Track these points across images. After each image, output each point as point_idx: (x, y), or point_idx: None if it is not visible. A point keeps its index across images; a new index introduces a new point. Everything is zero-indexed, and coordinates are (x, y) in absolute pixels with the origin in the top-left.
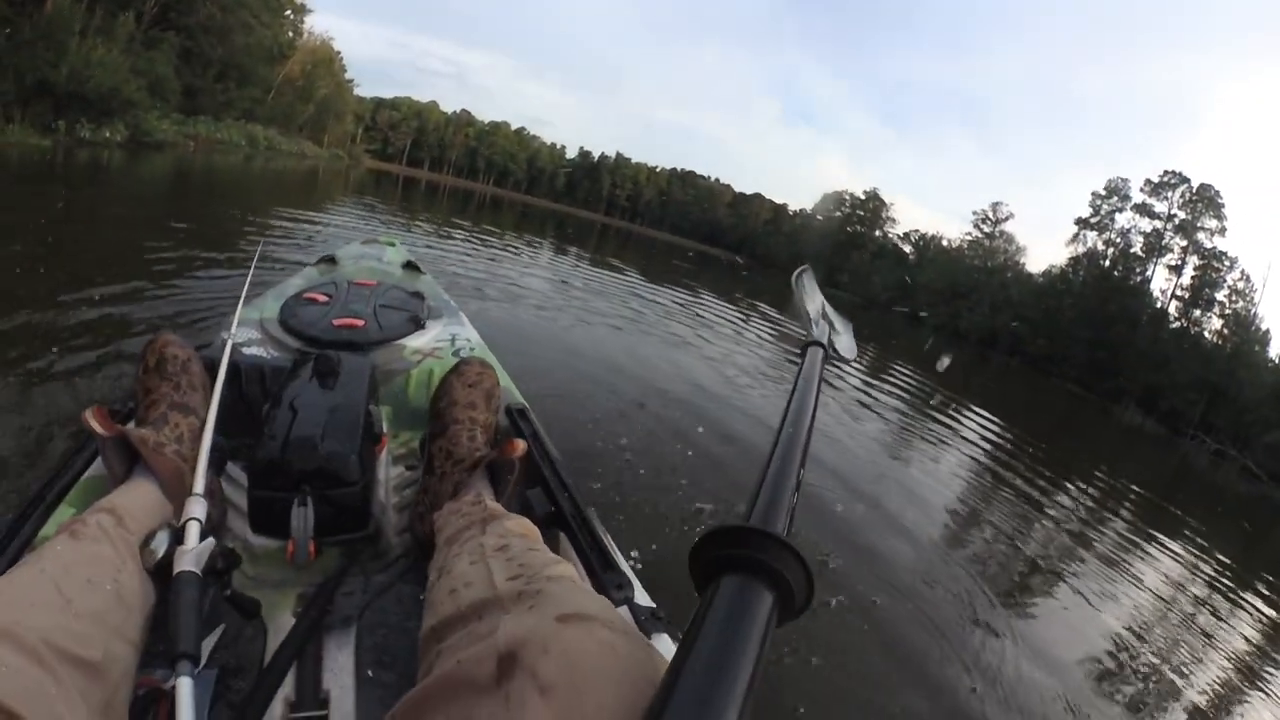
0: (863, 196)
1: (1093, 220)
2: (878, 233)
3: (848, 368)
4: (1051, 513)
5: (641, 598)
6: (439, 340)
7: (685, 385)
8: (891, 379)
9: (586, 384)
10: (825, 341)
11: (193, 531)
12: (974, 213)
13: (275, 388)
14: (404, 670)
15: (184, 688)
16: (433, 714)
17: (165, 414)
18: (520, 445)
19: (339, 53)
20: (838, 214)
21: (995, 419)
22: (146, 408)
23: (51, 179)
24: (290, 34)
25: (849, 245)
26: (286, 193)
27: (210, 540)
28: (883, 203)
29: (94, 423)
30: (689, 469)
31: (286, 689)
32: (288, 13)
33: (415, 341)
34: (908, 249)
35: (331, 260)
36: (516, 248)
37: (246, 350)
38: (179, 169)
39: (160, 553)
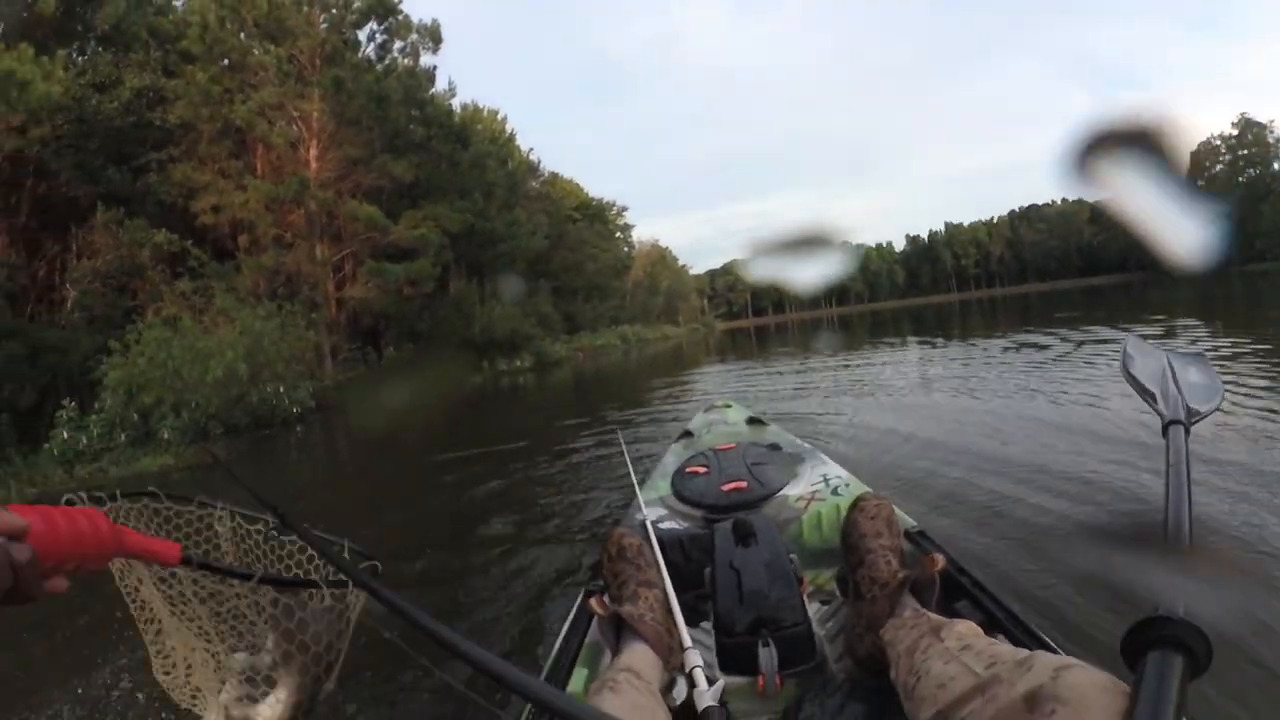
0: (1234, 131)
1: None
2: (1277, 165)
3: None
4: None
5: None
6: (813, 484)
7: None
8: None
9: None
10: (1182, 416)
11: (700, 676)
12: None
13: (696, 552)
14: None
15: None
16: None
17: (636, 591)
18: (939, 559)
19: (666, 248)
20: (1218, 169)
21: None
22: (618, 588)
23: (490, 399)
24: (626, 249)
25: (1252, 199)
26: (662, 369)
27: (720, 680)
28: (1261, 126)
29: (597, 608)
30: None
31: None
32: (618, 234)
33: (794, 490)
34: None
35: (689, 434)
36: (882, 360)
37: (662, 526)
38: (576, 375)
39: (680, 697)
